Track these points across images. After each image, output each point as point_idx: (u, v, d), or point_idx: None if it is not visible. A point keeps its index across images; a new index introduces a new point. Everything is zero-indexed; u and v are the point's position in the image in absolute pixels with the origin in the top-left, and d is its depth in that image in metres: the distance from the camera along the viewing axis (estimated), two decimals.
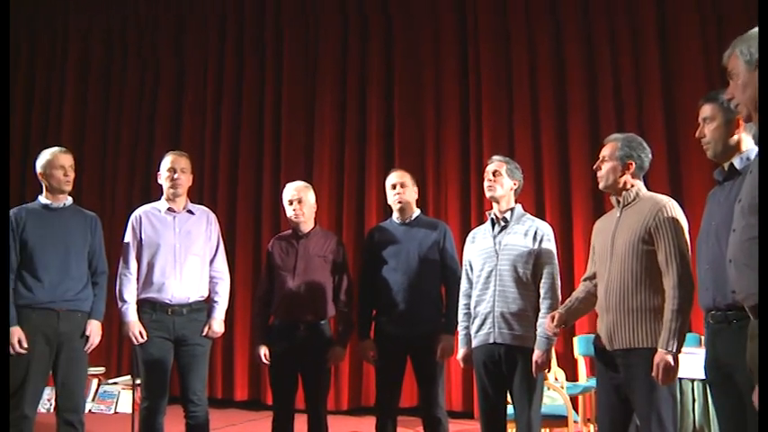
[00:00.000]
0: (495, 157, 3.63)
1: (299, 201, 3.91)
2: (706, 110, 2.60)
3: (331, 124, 6.66)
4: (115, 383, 6.53)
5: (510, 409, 3.50)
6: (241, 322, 6.49)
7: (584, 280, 3.23)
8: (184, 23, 7.26)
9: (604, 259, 3.00)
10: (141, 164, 7.13)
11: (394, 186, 3.92)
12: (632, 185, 2.99)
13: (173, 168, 3.93)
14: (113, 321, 4.64)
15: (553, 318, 3.13)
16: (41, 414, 3.72)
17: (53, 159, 3.74)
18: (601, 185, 3.07)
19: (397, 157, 6.41)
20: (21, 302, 3.58)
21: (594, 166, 3.09)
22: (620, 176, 2.98)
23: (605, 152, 3.05)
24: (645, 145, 3.04)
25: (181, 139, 6.96)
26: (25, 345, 3.52)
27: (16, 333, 3.52)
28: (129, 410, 5.63)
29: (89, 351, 3.77)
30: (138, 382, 5.54)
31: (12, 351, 3.52)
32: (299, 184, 4.00)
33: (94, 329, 3.76)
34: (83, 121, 7.37)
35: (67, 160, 3.77)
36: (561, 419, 4.13)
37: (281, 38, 6.93)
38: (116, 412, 6.32)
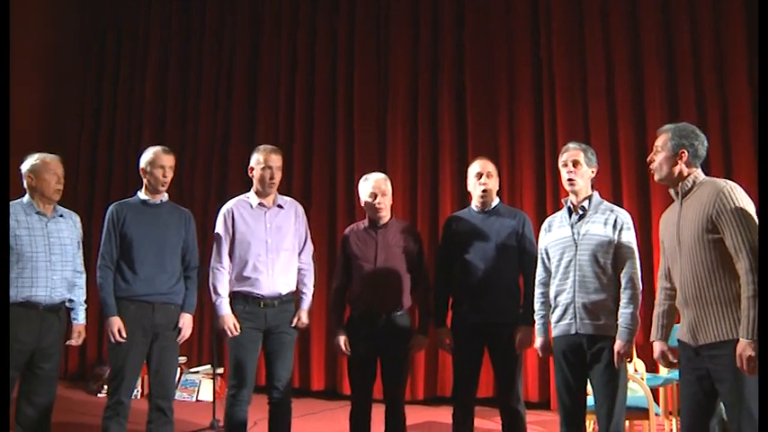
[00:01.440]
0: (570, 145, 3.56)
1: (383, 193, 3.93)
2: None
3: (403, 114, 6.65)
4: (197, 372, 6.72)
5: (590, 400, 3.45)
6: (317, 313, 6.55)
7: (661, 278, 3.16)
8: (258, 21, 7.36)
9: (674, 255, 2.95)
10: (218, 161, 7.30)
11: (479, 175, 3.88)
12: (688, 174, 2.95)
13: (269, 167, 3.96)
14: (196, 312, 4.77)
15: (662, 355, 3.09)
16: (132, 400, 3.88)
17: (155, 159, 3.86)
18: (655, 177, 3.06)
19: (470, 146, 6.36)
20: (119, 294, 3.73)
21: (648, 159, 3.07)
22: (674, 166, 2.95)
23: (657, 143, 3.03)
24: (698, 132, 3.00)
25: (255, 132, 7.07)
26: (124, 334, 3.67)
27: (116, 323, 3.68)
28: (211, 398, 5.78)
29: (181, 342, 3.91)
30: (219, 371, 5.71)
31: (112, 340, 3.68)
32: (380, 176, 4.02)
33: (187, 322, 3.90)
34: (162, 122, 7.59)
35: (168, 161, 3.88)
36: (642, 412, 4.04)
37: (352, 27, 6.95)
38: (198, 400, 6.50)
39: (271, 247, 3.92)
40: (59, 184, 3.69)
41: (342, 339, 3.91)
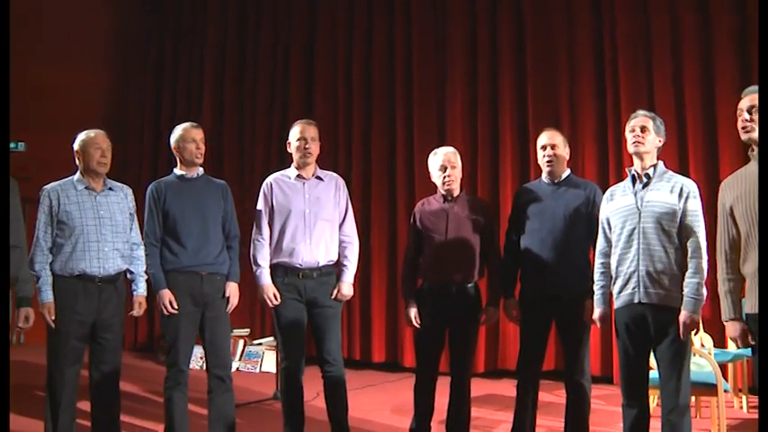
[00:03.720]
0: (640, 112, 3.47)
1: (453, 167, 3.92)
2: None
3: (462, 86, 6.58)
4: (260, 344, 6.86)
5: (653, 374, 3.37)
6: (378, 286, 6.61)
7: (725, 249, 2.97)
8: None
9: (753, 218, 2.80)
10: (276, 141, 7.35)
11: (544, 147, 3.84)
12: None
13: (303, 138, 3.99)
14: (254, 285, 4.86)
15: (743, 334, 2.91)
16: (194, 370, 3.98)
17: (185, 134, 3.92)
18: (750, 136, 2.88)
19: (530, 118, 6.26)
20: (168, 267, 3.81)
21: (745, 118, 2.89)
22: None
23: (756, 102, 2.86)
24: None
25: (314, 110, 7.09)
26: (175, 305, 3.76)
27: (166, 295, 3.76)
28: (274, 369, 5.89)
29: (230, 311, 3.98)
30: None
31: (164, 312, 3.77)
32: (449, 149, 4.00)
33: (233, 291, 3.95)
34: (221, 103, 7.70)
35: (198, 134, 3.93)
36: (710, 388, 3.95)
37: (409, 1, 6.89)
38: (261, 371, 6.63)
39: (309, 217, 3.95)
40: (104, 157, 3.73)
41: (413, 311, 3.92)
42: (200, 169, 4.00)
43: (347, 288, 4.02)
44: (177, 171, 3.98)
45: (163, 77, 8.02)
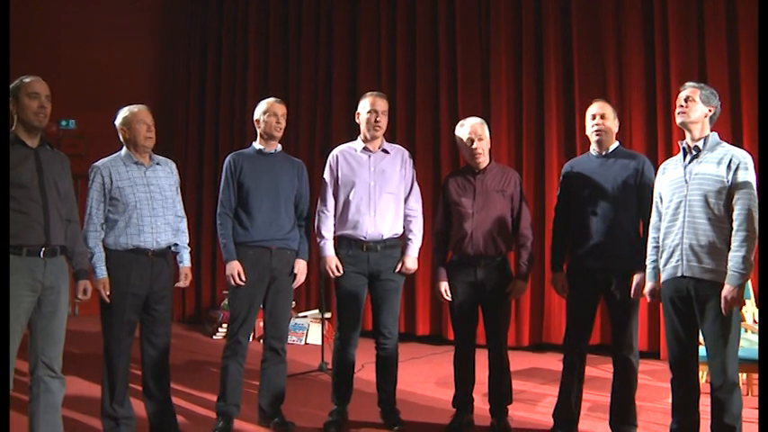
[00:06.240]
0: (688, 84, 3.40)
1: (479, 138, 3.88)
2: None
3: (507, 58, 6.50)
4: (305, 317, 6.94)
5: (702, 350, 3.32)
6: (422, 258, 6.52)
7: None
8: None
9: None
10: (321, 112, 7.38)
11: (594, 117, 3.77)
12: None
13: (374, 110, 3.98)
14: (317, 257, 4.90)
15: None
16: None
17: (267, 107, 3.98)
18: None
19: (576, 89, 6.16)
20: (238, 240, 3.89)
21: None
22: None
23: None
24: None
25: (357, 80, 7.09)
26: (243, 278, 3.84)
27: (235, 267, 3.84)
28: (319, 342, 5.96)
29: (295, 288, 4.04)
30: (326, 315, 5.87)
31: (231, 283, 3.86)
32: (476, 120, 3.96)
33: (302, 268, 4.02)
34: (265, 76, 7.74)
35: (280, 109, 3.99)
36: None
37: None
38: (306, 343, 6.72)
39: (374, 189, 3.95)
40: (150, 131, 3.78)
41: (443, 286, 3.94)
42: (279, 146, 4.05)
43: (411, 262, 4.04)
44: (256, 145, 4.03)
45: (207, 55, 8.08)
